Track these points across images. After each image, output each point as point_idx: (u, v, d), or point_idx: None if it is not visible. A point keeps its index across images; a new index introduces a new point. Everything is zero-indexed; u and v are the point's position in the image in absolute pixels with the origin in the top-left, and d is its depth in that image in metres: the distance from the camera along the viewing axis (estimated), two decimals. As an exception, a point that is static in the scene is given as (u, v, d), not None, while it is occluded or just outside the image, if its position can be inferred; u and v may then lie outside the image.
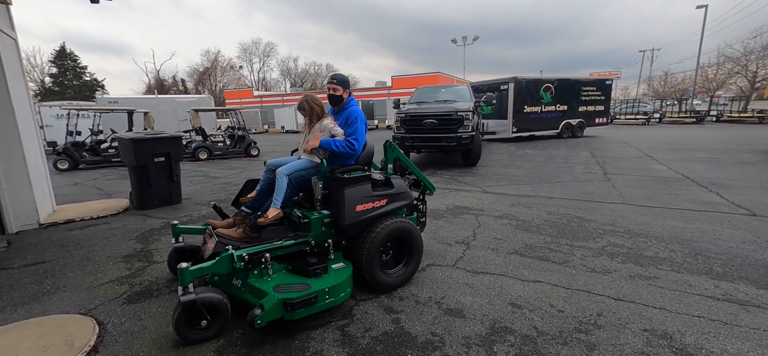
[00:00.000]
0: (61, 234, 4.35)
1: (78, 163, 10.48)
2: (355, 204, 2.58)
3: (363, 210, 2.62)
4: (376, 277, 2.68)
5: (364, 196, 2.64)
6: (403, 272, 2.87)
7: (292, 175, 2.74)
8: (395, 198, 2.83)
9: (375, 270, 2.66)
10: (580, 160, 9.55)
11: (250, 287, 2.37)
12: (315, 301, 2.27)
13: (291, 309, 2.18)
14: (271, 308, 2.13)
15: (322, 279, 2.42)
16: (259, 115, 35.82)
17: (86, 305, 2.65)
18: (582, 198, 5.49)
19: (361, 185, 2.66)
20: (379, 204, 2.71)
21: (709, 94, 35.28)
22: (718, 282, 2.81)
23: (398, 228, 2.76)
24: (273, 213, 2.66)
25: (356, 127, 2.95)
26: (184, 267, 2.10)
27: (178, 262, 2.15)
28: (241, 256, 2.32)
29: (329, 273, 2.50)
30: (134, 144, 5.10)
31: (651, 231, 3.99)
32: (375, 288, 2.73)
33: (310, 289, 2.28)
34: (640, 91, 49.37)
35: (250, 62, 62.78)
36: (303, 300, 2.21)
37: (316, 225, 2.64)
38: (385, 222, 2.70)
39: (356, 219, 2.59)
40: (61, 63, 42.60)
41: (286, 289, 2.27)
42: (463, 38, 38.35)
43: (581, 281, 2.90)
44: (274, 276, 2.45)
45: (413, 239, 2.88)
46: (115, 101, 16.08)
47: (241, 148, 12.67)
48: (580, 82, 16.57)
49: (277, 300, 2.16)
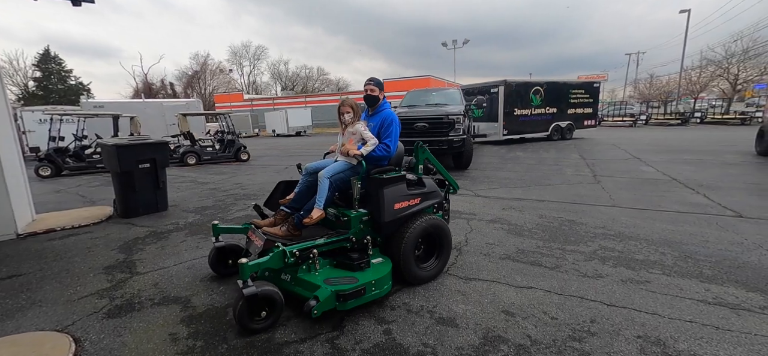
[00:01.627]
0: (40, 244, 4.19)
1: (61, 169, 10.19)
2: (393, 203, 2.78)
3: (400, 208, 2.82)
4: (412, 271, 2.84)
5: (400, 195, 2.84)
6: (436, 265, 3.05)
7: (333, 177, 2.89)
8: (427, 196, 3.04)
9: (411, 264, 2.82)
10: (570, 162, 9.64)
11: (301, 281, 2.55)
12: (364, 293, 2.46)
13: (343, 300, 2.37)
14: (326, 299, 2.33)
15: (366, 272, 2.61)
16: (249, 118, 35.52)
17: (63, 321, 2.53)
18: (573, 201, 5.51)
19: (398, 185, 2.87)
20: (413, 202, 2.91)
21: (693, 96, 36.11)
22: (709, 286, 2.82)
23: (432, 225, 2.94)
24: (317, 214, 2.82)
25: (392, 130, 3.11)
26: (244, 262, 2.30)
27: (219, 261, 2.50)
28: (293, 252, 2.51)
29: (372, 268, 2.68)
30: (118, 150, 4.95)
31: (641, 234, 4.01)
32: (411, 281, 2.89)
33: (358, 282, 2.47)
34: (627, 94, 50.30)
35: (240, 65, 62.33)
36: (353, 292, 2.40)
37: (356, 222, 2.79)
38: (420, 220, 2.87)
39: (395, 217, 2.78)
40: (45, 66, 41.64)
41: (335, 282, 2.46)
42: (453, 41, 38.64)
43: (574, 286, 2.88)
44: (321, 270, 2.63)
45: (444, 234, 3.06)
46: (100, 105, 15.72)
47: (230, 153, 12.48)
48: (569, 84, 16.79)
49: (331, 291, 2.36)
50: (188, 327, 2.43)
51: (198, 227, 4.72)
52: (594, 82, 18.08)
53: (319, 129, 35.85)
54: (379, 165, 3.07)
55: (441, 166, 3.68)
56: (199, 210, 5.65)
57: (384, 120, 3.12)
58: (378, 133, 3.10)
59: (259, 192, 6.97)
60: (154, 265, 3.48)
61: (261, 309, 2.34)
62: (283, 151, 16.31)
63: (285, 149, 17.19)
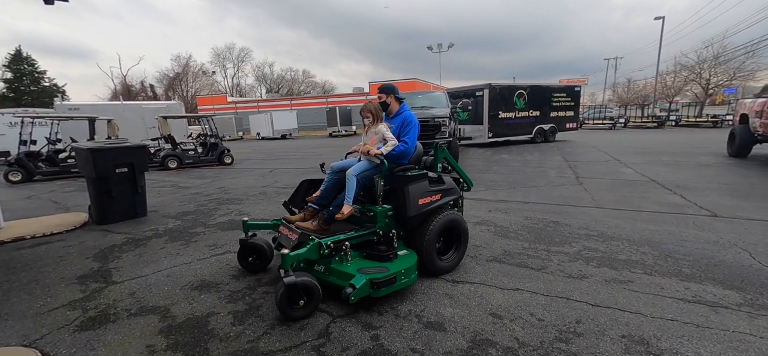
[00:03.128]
0: (8, 254, 3.97)
1: (33, 174, 9.74)
2: (417, 198, 2.95)
3: (424, 203, 2.99)
4: (434, 262, 3.03)
5: (423, 191, 3.01)
6: (455, 256, 3.24)
7: (359, 175, 3.07)
8: (447, 193, 3.23)
9: (433, 256, 3.01)
10: (554, 164, 9.82)
11: (335, 271, 2.71)
12: (395, 281, 2.61)
13: (377, 287, 2.53)
14: (361, 287, 2.47)
15: (395, 263, 2.75)
16: (233, 121, 34.91)
17: (31, 335, 2.39)
18: (557, 203, 5.60)
19: (421, 182, 3.04)
20: (435, 198, 3.10)
21: (668, 100, 37.45)
22: (688, 284, 2.89)
23: (452, 220, 3.12)
24: (347, 210, 3.02)
25: (410, 129, 3.31)
26: (286, 252, 2.54)
27: (247, 257, 2.82)
28: (328, 244, 2.70)
29: (399, 258, 2.83)
30: (93, 154, 4.76)
31: (623, 234, 4.09)
32: (433, 272, 3.07)
33: (389, 271, 2.62)
34: (606, 97, 51.82)
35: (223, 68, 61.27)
36: (386, 280, 2.56)
37: (381, 217, 2.98)
38: (441, 214, 3.06)
39: (419, 211, 2.95)
40: (16, 67, 40.02)
41: (368, 271, 2.60)
42: (438, 45, 38.98)
43: (559, 287, 2.90)
44: (353, 261, 2.78)
45: (462, 228, 3.25)
46: (75, 108, 15.12)
47: (213, 156, 12.21)
48: (551, 88, 17.15)
49: (366, 279, 2.50)
50: (167, 338, 2.33)
51: (178, 233, 4.57)
52: (575, 86, 18.54)
53: (305, 132, 35.54)
54: (401, 163, 3.26)
55: (458, 165, 3.91)
56: (180, 215, 5.48)
57: (404, 120, 3.37)
58: (399, 133, 3.33)
59: (243, 196, 6.82)
60: (131, 274, 3.34)
61: (300, 298, 2.49)
62: (268, 154, 16.06)
63: (270, 152, 16.93)
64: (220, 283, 3.09)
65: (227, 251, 3.86)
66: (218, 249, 3.95)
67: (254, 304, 2.73)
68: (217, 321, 2.52)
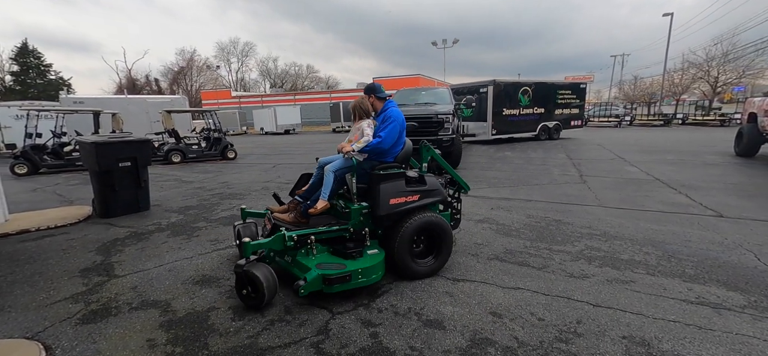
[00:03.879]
0: (12, 246, 4.01)
1: (38, 167, 9.82)
2: (389, 198, 2.87)
3: (396, 203, 2.89)
4: (406, 264, 2.94)
5: (397, 191, 2.92)
6: (432, 264, 3.08)
7: (337, 171, 3.11)
8: (427, 194, 3.05)
9: (405, 258, 2.93)
10: (557, 162, 9.75)
11: (298, 263, 2.80)
12: (349, 279, 2.62)
13: (328, 283, 2.57)
14: (312, 280, 2.54)
15: (357, 261, 2.76)
16: (237, 116, 34.96)
17: (34, 327, 2.41)
18: (559, 201, 5.56)
19: (396, 181, 2.95)
20: (411, 198, 2.96)
21: (675, 97, 37.02)
22: (691, 285, 2.86)
23: (429, 222, 2.98)
24: (321, 205, 3.09)
25: (387, 124, 3.21)
26: (247, 241, 2.69)
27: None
28: (291, 237, 2.77)
29: (364, 257, 2.82)
30: (96, 148, 4.78)
31: (626, 234, 4.06)
32: (404, 274, 2.99)
33: (345, 269, 2.64)
34: (612, 95, 51.34)
35: (227, 62, 61.31)
36: (339, 277, 2.58)
37: (355, 215, 2.95)
38: (417, 216, 2.93)
39: (389, 211, 2.88)
40: (23, 60, 40.27)
41: (326, 267, 2.66)
42: (443, 41, 38.75)
43: (560, 287, 2.88)
44: (318, 256, 2.85)
45: (443, 233, 3.07)
46: (80, 101, 15.21)
47: (216, 151, 12.24)
48: (557, 85, 17.00)
49: (318, 274, 2.57)
50: (167, 332, 2.34)
51: (181, 228, 4.59)
52: (581, 83, 18.35)
53: (309, 127, 35.55)
54: (383, 160, 3.21)
55: (449, 166, 3.68)
56: (183, 209, 5.51)
57: (384, 117, 3.31)
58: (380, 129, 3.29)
59: (245, 191, 6.84)
60: (133, 268, 3.36)
61: (244, 286, 2.57)
62: (271, 149, 16.08)
63: (273, 147, 16.95)
64: (221, 278, 3.11)
65: (229, 246, 3.87)
66: (219, 244, 3.97)
67: (254, 300, 2.73)
68: (218, 316, 2.53)
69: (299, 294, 2.48)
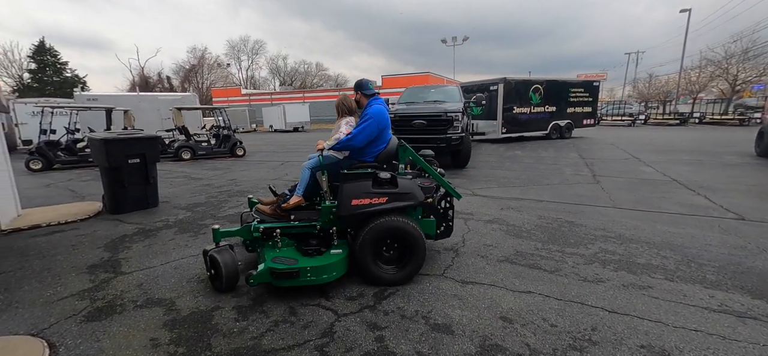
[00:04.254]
0: (24, 241, 4.05)
1: (52, 163, 10.01)
2: (351, 198, 2.75)
3: (359, 204, 2.75)
4: (366, 268, 2.81)
5: (362, 192, 2.77)
6: (400, 272, 2.88)
7: (313, 168, 3.13)
8: (397, 197, 2.83)
9: (367, 261, 2.79)
10: (569, 161, 9.55)
11: (261, 254, 2.87)
12: (297, 276, 2.61)
13: (275, 277, 2.61)
14: (261, 272, 2.61)
15: (310, 259, 2.72)
16: (247, 113, 35.24)
17: (39, 324, 2.41)
18: (572, 202, 5.42)
19: (362, 181, 2.83)
20: (377, 201, 2.78)
21: (692, 96, 36.07)
22: (713, 292, 2.72)
23: (394, 228, 2.79)
24: (294, 200, 3.14)
25: (363, 122, 3.13)
26: (216, 228, 2.93)
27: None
28: (257, 228, 2.92)
29: (323, 256, 2.76)
30: (106, 145, 4.81)
31: (642, 237, 3.92)
32: (365, 278, 2.88)
33: (295, 265, 2.63)
34: (626, 93, 50.29)
35: (238, 60, 61.86)
36: (286, 273, 2.60)
37: (325, 213, 2.93)
38: (382, 219, 2.76)
39: (351, 212, 2.76)
40: (40, 58, 41.14)
41: (279, 261, 2.67)
42: (452, 38, 38.47)
43: (574, 291, 2.78)
44: (283, 249, 2.86)
45: (412, 242, 2.84)
46: (94, 98, 15.46)
47: (226, 148, 12.32)
48: (569, 83, 16.68)
49: (266, 267, 2.62)
50: (171, 331, 2.32)
51: (188, 225, 4.59)
52: (594, 81, 17.98)
53: (318, 125, 35.64)
54: (362, 159, 3.16)
55: (430, 167, 3.37)
56: (191, 206, 5.52)
57: (364, 115, 3.24)
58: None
59: (252, 188, 6.84)
60: (139, 265, 3.36)
61: (209, 269, 2.79)
62: (279, 146, 16.14)
63: (282, 145, 17.01)
64: (226, 277, 3.07)
65: (235, 244, 3.84)
66: (226, 241, 3.94)
67: (259, 299, 2.70)
68: (222, 315, 2.50)
69: (247, 282, 2.61)
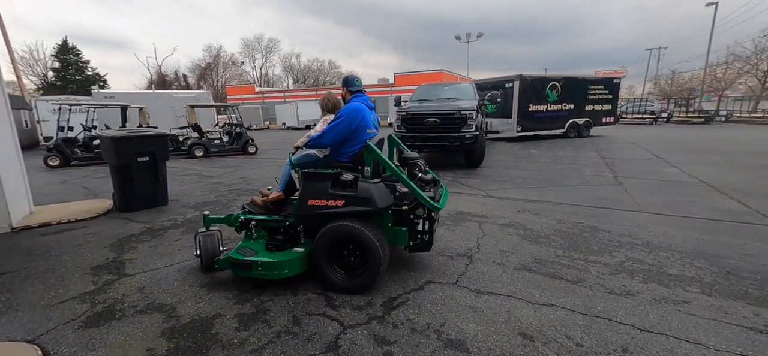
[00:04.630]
0: (32, 239, 4.05)
1: (69, 159, 10.19)
2: (307, 198, 2.76)
3: (314, 205, 2.74)
4: (320, 269, 2.78)
5: (319, 192, 2.74)
6: (343, 280, 2.76)
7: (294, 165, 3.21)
8: (355, 201, 2.67)
9: (321, 264, 2.75)
10: (588, 161, 9.18)
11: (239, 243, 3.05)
12: (250, 268, 2.74)
13: (234, 266, 2.79)
14: (224, 259, 2.87)
15: (269, 254, 2.81)
16: (260, 111, 35.55)
17: (37, 329, 2.34)
18: (593, 205, 5.13)
19: (321, 182, 2.79)
20: (333, 203, 2.70)
21: (717, 93, 34.61)
22: (758, 310, 2.46)
23: (346, 232, 2.67)
24: (274, 195, 3.24)
25: (333, 121, 3.04)
26: (206, 213, 3.32)
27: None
28: (238, 218, 3.15)
29: (281, 253, 2.83)
30: (115, 142, 4.78)
31: (672, 244, 3.64)
32: (318, 281, 2.84)
33: (251, 257, 2.76)
34: (646, 90, 48.67)
35: (252, 58, 62.54)
36: (241, 263, 2.76)
37: (295, 210, 2.95)
38: (335, 223, 2.67)
39: (307, 212, 2.77)
40: (63, 57, 42.43)
41: (241, 252, 2.85)
42: (467, 35, 37.88)
43: (600, 305, 2.55)
44: (257, 240, 3.04)
45: (365, 250, 2.65)
46: (111, 96, 15.79)
47: (238, 146, 12.35)
48: (588, 80, 16.14)
49: (227, 256, 2.86)
50: (169, 341, 2.20)
51: (196, 224, 4.51)
52: (614, 78, 17.34)
53: (330, 122, 35.65)
54: (338, 159, 3.11)
55: (401, 172, 2.87)
56: (200, 205, 5.46)
57: (338, 112, 3.17)
58: None
59: (262, 187, 6.75)
60: (143, 266, 3.28)
61: (197, 248, 3.08)
62: (291, 144, 16.14)
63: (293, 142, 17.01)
64: (230, 281, 2.96)
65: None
66: (232, 243, 3.82)
67: (262, 307, 2.57)
68: (222, 324, 2.38)
69: (213, 267, 2.96)
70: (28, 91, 37.08)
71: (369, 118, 3.14)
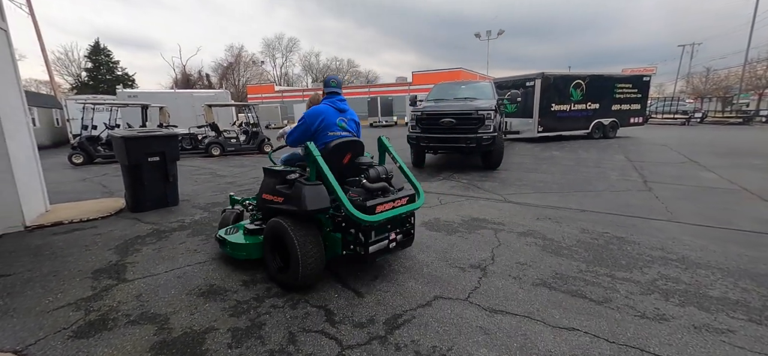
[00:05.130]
0: (43, 239, 4.07)
1: (93, 157, 10.50)
2: (262, 191, 3.07)
3: (266, 199, 3.01)
4: (266, 256, 3.00)
5: (270, 188, 2.98)
6: (277, 273, 2.90)
7: (283, 161, 3.43)
8: (289, 201, 2.78)
9: (266, 253, 2.98)
10: (615, 164, 8.66)
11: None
12: (224, 245, 3.28)
13: (219, 241, 3.36)
14: (217, 237, 3.38)
15: (240, 237, 3.25)
16: (278, 109, 36.00)
17: (26, 338, 2.26)
18: (620, 213, 4.76)
19: (272, 178, 3.03)
20: (276, 199, 2.89)
21: (757, 92, 32.48)
22: (821, 345, 2.12)
23: (275, 228, 2.84)
24: None
25: (297, 123, 3.22)
26: (232, 194, 4.08)
27: None
28: (244, 201, 3.86)
29: (249, 238, 3.20)
30: (126, 142, 4.78)
31: (712, 261, 3.27)
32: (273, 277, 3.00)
33: (230, 236, 3.26)
34: (678, 89, 46.31)
35: (272, 57, 63.52)
36: (220, 240, 3.32)
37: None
38: (275, 218, 2.87)
39: (262, 205, 3.09)
40: (95, 58, 44.25)
41: (228, 231, 3.40)
42: (487, 33, 37.07)
43: (630, 331, 2.27)
44: (250, 222, 3.45)
45: (287, 247, 2.74)
46: (134, 95, 16.27)
47: (254, 145, 12.43)
48: (614, 78, 15.37)
49: (218, 233, 3.40)
50: (157, 356, 2.08)
51: (202, 226, 4.45)
52: (643, 76, 16.44)
53: (347, 121, 35.72)
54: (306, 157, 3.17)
55: (334, 180, 2.63)
56: (209, 206, 5.42)
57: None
58: None
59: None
60: (144, 271, 3.21)
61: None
62: (307, 143, 16.15)
63: (310, 142, 17.04)
64: (228, 290, 2.84)
65: (244, 250, 3.63)
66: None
67: (258, 321, 2.42)
68: (214, 339, 2.24)
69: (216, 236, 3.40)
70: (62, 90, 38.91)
71: (332, 120, 3.12)
